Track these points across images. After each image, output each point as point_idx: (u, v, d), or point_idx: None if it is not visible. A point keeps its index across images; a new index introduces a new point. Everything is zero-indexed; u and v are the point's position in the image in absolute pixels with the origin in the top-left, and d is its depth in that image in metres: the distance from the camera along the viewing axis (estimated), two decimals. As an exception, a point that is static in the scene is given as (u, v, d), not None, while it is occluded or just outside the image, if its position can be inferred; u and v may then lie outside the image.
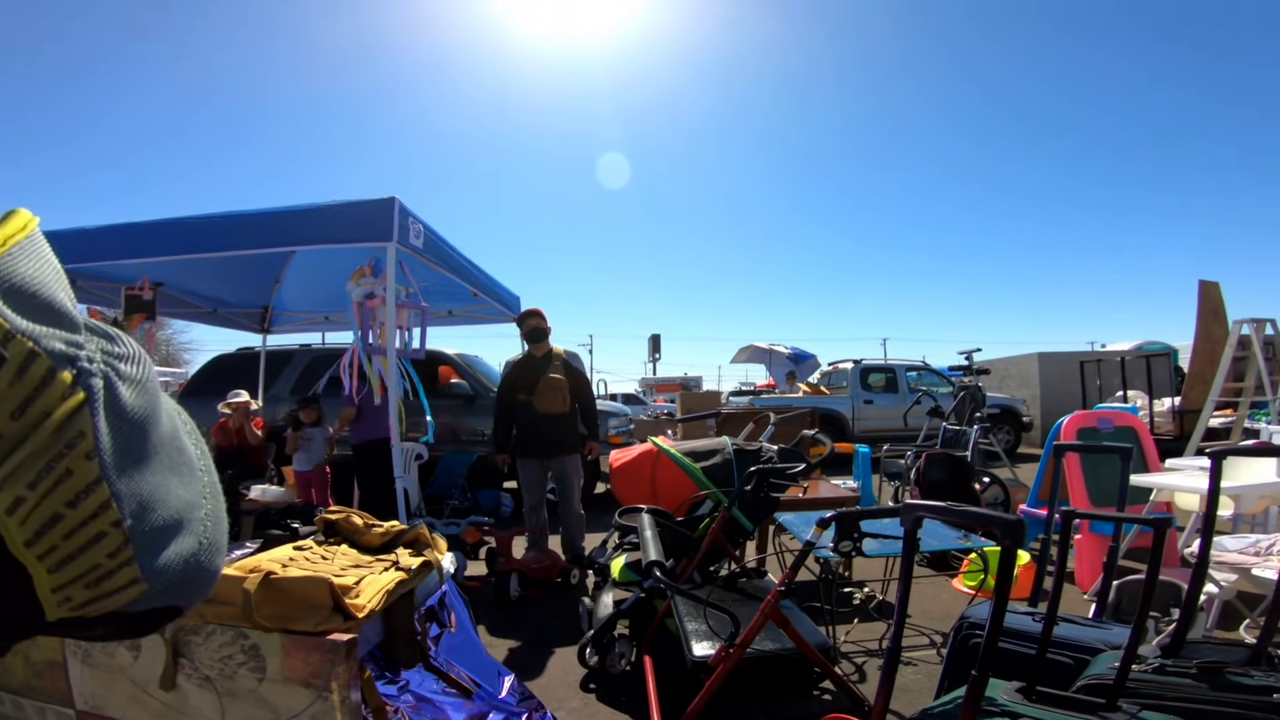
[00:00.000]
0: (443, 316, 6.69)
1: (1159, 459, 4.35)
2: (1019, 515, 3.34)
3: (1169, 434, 8.44)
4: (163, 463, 0.35)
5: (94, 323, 0.35)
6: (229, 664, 1.43)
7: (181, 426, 0.40)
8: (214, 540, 0.39)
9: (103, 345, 0.33)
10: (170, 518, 0.35)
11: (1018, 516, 1.34)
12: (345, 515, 2.10)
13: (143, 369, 0.35)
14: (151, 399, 0.35)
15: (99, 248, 4.12)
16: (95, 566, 0.32)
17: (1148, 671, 1.65)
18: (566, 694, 2.66)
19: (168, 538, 0.35)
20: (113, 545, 0.32)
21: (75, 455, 0.30)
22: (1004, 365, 13.67)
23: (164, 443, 0.36)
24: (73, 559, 0.31)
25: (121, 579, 0.33)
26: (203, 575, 0.38)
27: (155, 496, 0.34)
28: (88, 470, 0.30)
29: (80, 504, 0.30)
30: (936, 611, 3.44)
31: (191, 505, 0.38)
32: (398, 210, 3.76)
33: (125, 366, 0.34)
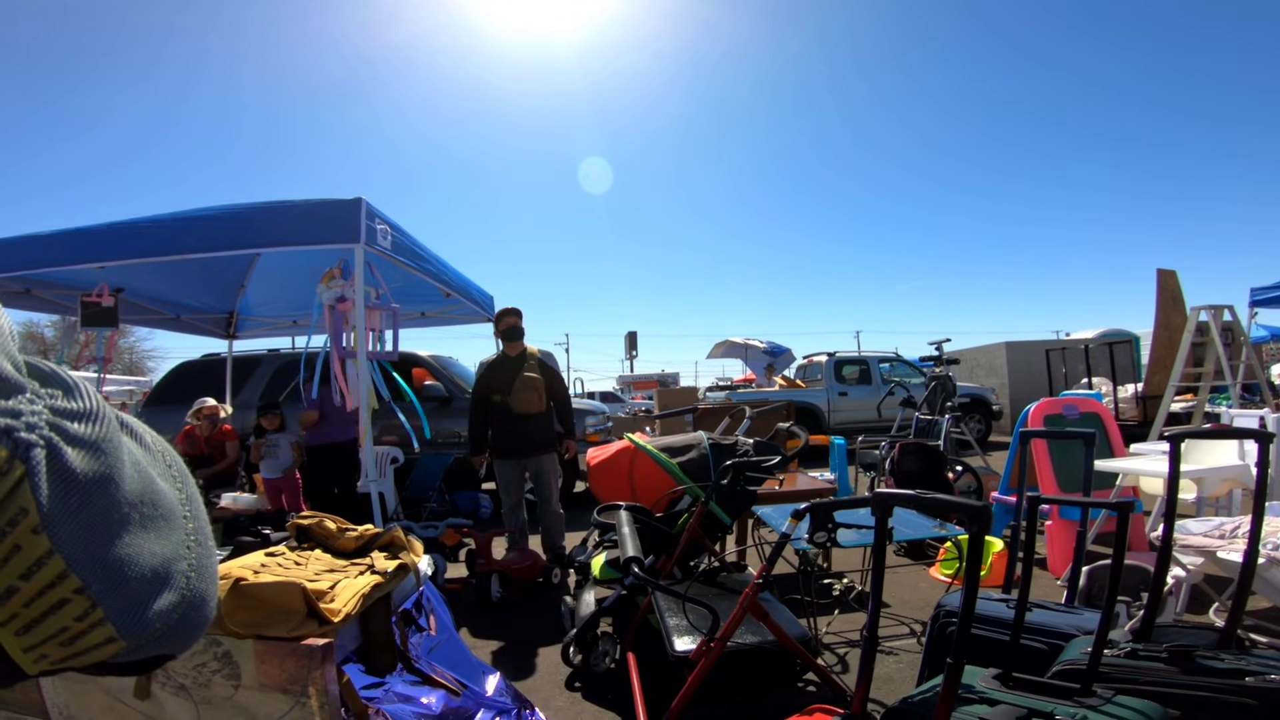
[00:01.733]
0: (415, 318, 6.60)
1: (1124, 444, 4.46)
2: (990, 503, 3.40)
3: (1133, 419, 8.66)
4: (131, 521, 0.34)
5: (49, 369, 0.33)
6: (203, 672, 1.39)
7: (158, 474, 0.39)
8: (199, 591, 0.38)
9: (52, 403, 0.31)
10: (145, 575, 0.34)
11: (984, 503, 1.36)
12: (318, 520, 2.07)
13: (99, 427, 0.33)
14: (109, 459, 0.33)
15: (51, 253, 3.98)
16: (64, 629, 0.31)
17: (1120, 656, 1.68)
18: (552, 693, 2.64)
19: (145, 595, 0.34)
20: (79, 610, 0.31)
21: (20, 531, 0.28)
22: (973, 355, 13.94)
23: (130, 501, 0.34)
24: (37, 623, 0.30)
25: (96, 638, 0.32)
26: (189, 626, 0.37)
27: (124, 557, 0.33)
28: (36, 544, 0.29)
29: (34, 576, 0.29)
30: (916, 600, 3.49)
31: (171, 560, 0.36)
32: (364, 211, 3.69)
33: (77, 426, 0.31)
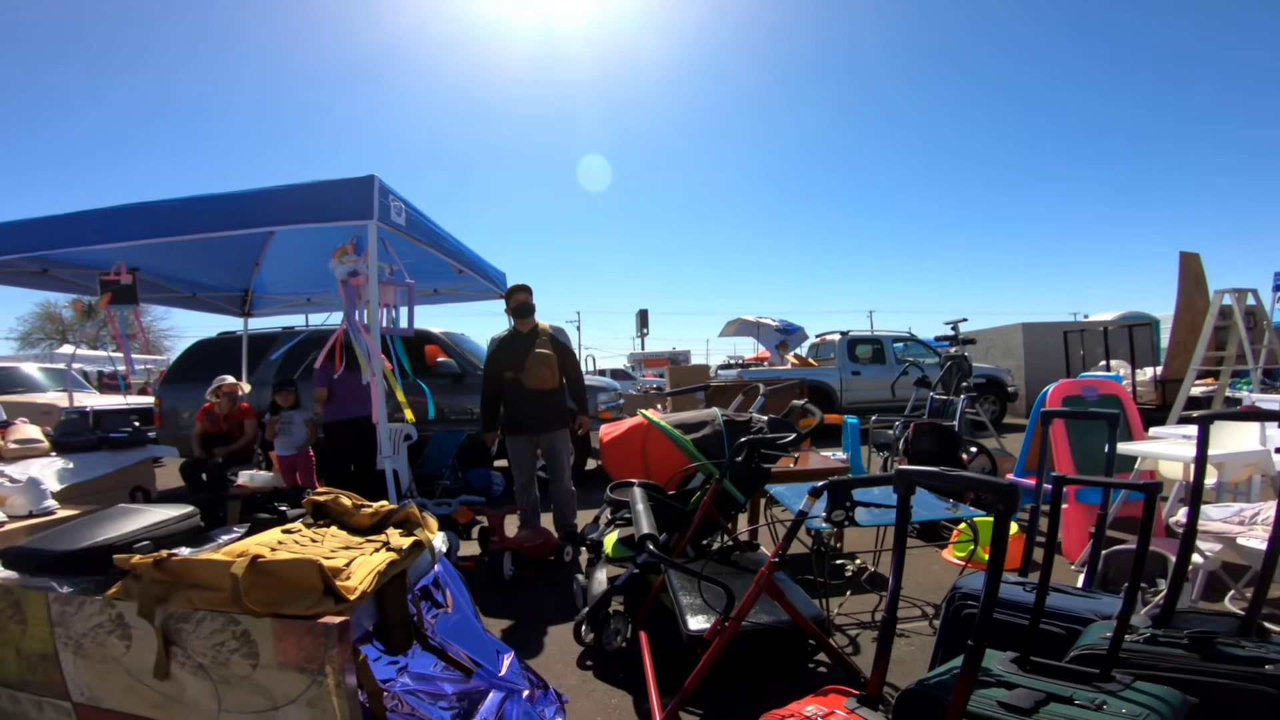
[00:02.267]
0: (428, 295, 6.59)
1: (1143, 427, 4.39)
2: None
3: (1151, 403, 8.56)
4: None
5: None
6: (221, 651, 1.40)
7: None
8: None
9: None
10: None
11: (1011, 481, 1.33)
12: (334, 497, 2.07)
13: None
14: None
15: (70, 234, 4.00)
16: None
17: (1139, 642, 1.66)
18: (564, 672, 2.66)
19: None
20: None
21: None
22: (989, 336, 13.77)
23: None
24: None
25: None
26: None
27: None
28: None
29: None
30: (928, 583, 3.48)
31: None
32: (377, 188, 3.68)
33: None
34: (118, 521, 1.80)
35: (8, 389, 8.45)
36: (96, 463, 3.94)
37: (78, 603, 1.53)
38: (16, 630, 1.59)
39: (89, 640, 1.52)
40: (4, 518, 2.45)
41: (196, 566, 1.45)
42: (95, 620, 1.51)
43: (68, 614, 1.53)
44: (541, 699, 2.03)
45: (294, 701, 1.38)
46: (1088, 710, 1.34)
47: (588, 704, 2.40)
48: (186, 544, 1.84)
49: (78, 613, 1.53)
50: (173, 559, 1.47)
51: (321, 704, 1.36)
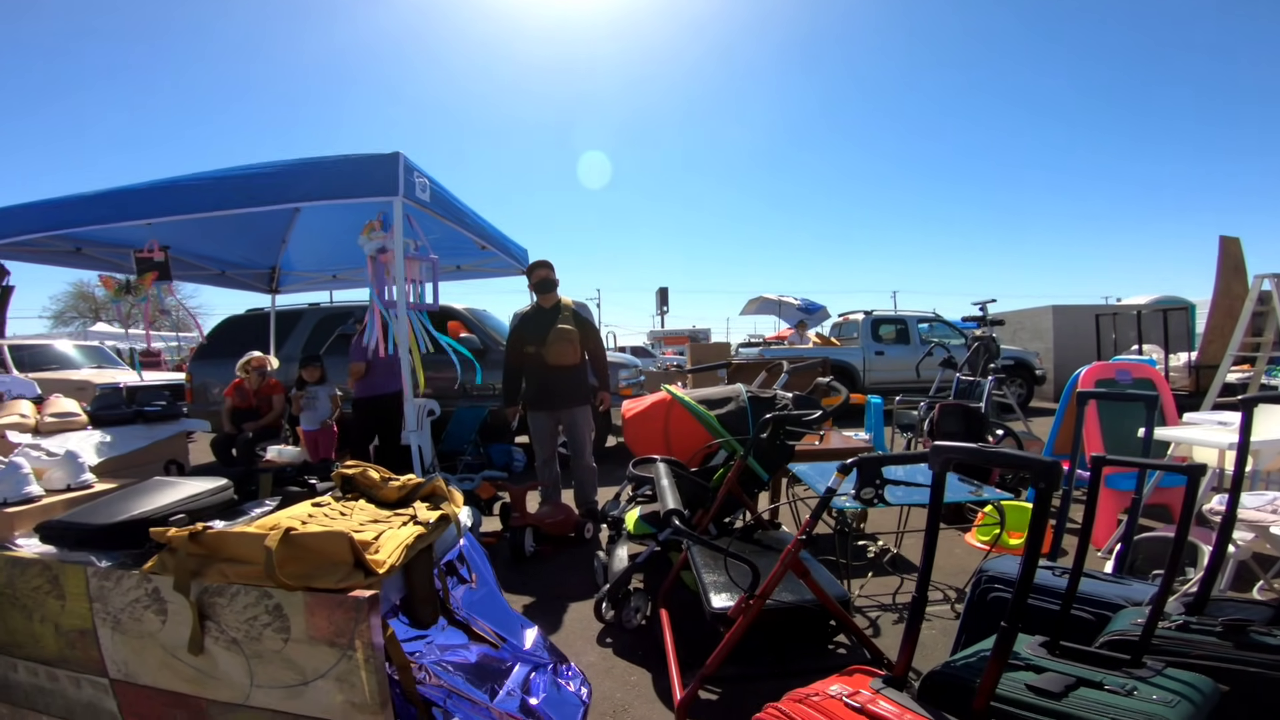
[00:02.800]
0: (451, 271, 6.62)
1: (1177, 413, 4.29)
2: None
3: (1185, 389, 8.36)
4: None
5: None
6: (254, 625, 1.43)
7: None
8: None
9: None
10: None
11: (1054, 459, 1.29)
12: (362, 470, 2.10)
13: None
14: None
15: (100, 211, 4.06)
16: None
17: (1172, 629, 1.64)
18: (583, 648, 2.69)
19: None
20: None
21: None
22: (1017, 318, 13.51)
23: None
24: None
25: None
26: None
27: None
28: None
29: None
30: (950, 566, 3.45)
31: None
32: (403, 165, 3.68)
33: None
34: (154, 494, 1.84)
35: (42, 366, 8.67)
36: (132, 436, 4.03)
37: (115, 577, 1.55)
38: (55, 606, 1.61)
39: (126, 615, 1.54)
40: (42, 492, 2.52)
41: (231, 539, 1.48)
42: (132, 595, 1.53)
43: (106, 589, 1.56)
44: (565, 672, 2.06)
45: (324, 675, 1.40)
46: (1118, 695, 1.32)
47: (607, 681, 2.43)
48: (220, 517, 1.88)
49: (115, 587, 1.55)
50: (208, 532, 1.49)
51: (350, 678, 1.39)
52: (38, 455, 2.76)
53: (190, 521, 1.63)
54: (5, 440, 3.43)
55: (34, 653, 1.66)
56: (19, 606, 1.65)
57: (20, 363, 8.47)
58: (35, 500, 2.43)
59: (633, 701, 2.30)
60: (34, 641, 1.65)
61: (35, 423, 3.78)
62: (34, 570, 1.63)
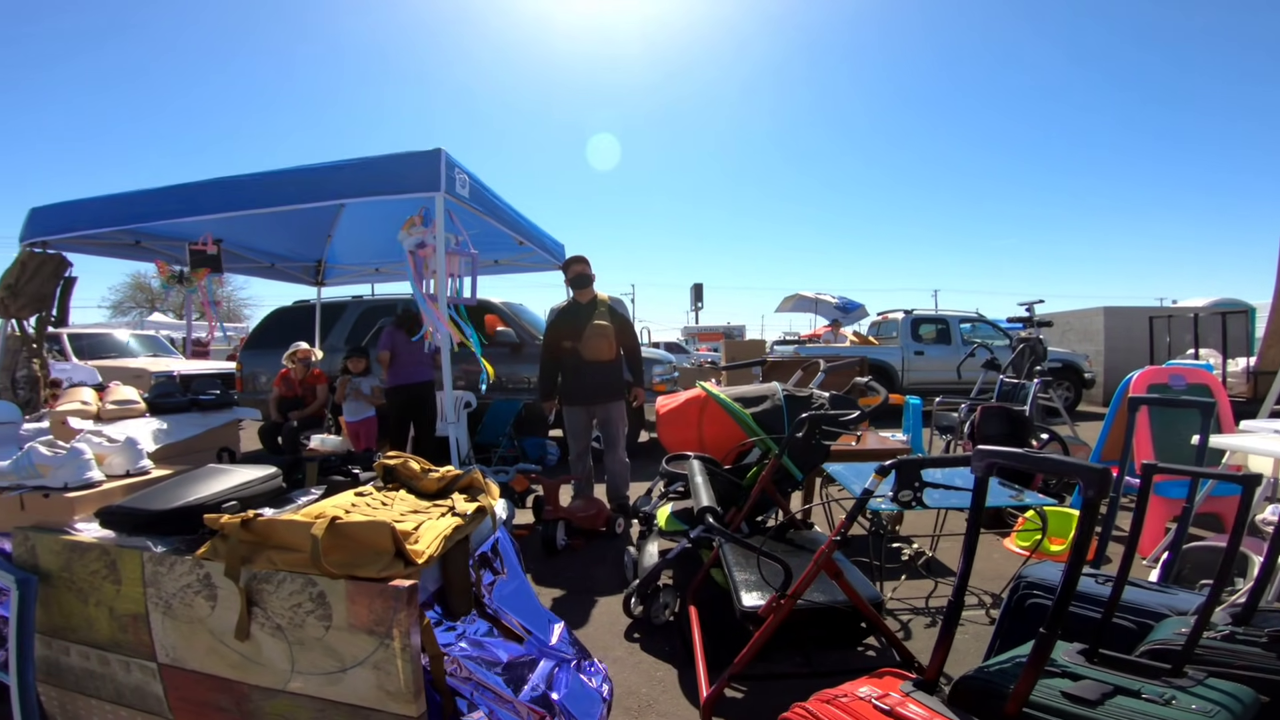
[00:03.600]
0: (489, 265, 6.72)
1: (1234, 420, 4.12)
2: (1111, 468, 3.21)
3: (1242, 395, 8.02)
4: None
5: None
6: (298, 612, 1.48)
7: None
8: None
9: None
10: None
11: (1105, 466, 1.26)
12: (403, 461, 2.15)
13: None
14: None
15: (164, 207, 4.27)
16: None
17: (1216, 639, 1.59)
18: (611, 643, 2.72)
19: None
20: None
21: None
22: (1066, 319, 13.10)
23: None
24: None
25: None
26: None
27: None
28: None
29: None
30: (987, 571, 3.38)
31: None
32: (444, 161, 3.76)
33: None
34: (207, 481, 1.92)
35: (101, 354, 9.08)
36: (188, 424, 4.19)
37: (169, 562, 1.61)
38: (111, 590, 1.67)
39: (178, 600, 1.60)
40: (102, 477, 2.62)
41: (280, 527, 1.54)
42: (184, 580, 1.59)
43: (160, 574, 1.62)
44: (588, 668, 2.09)
45: (361, 663, 1.45)
46: (1156, 705, 1.29)
47: (634, 675, 2.45)
48: (269, 504, 1.95)
49: (169, 572, 1.61)
50: (258, 519, 1.56)
51: (386, 666, 1.43)
52: (99, 441, 2.88)
53: (241, 509, 1.70)
54: (68, 426, 3.60)
55: (87, 636, 1.72)
56: (75, 590, 1.72)
57: (80, 350, 8.89)
58: (96, 485, 2.54)
59: (659, 697, 2.32)
60: (88, 625, 1.72)
61: (97, 410, 3.96)
62: (93, 554, 1.70)
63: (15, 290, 4.46)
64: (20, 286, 4.47)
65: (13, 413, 3.65)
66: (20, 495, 2.28)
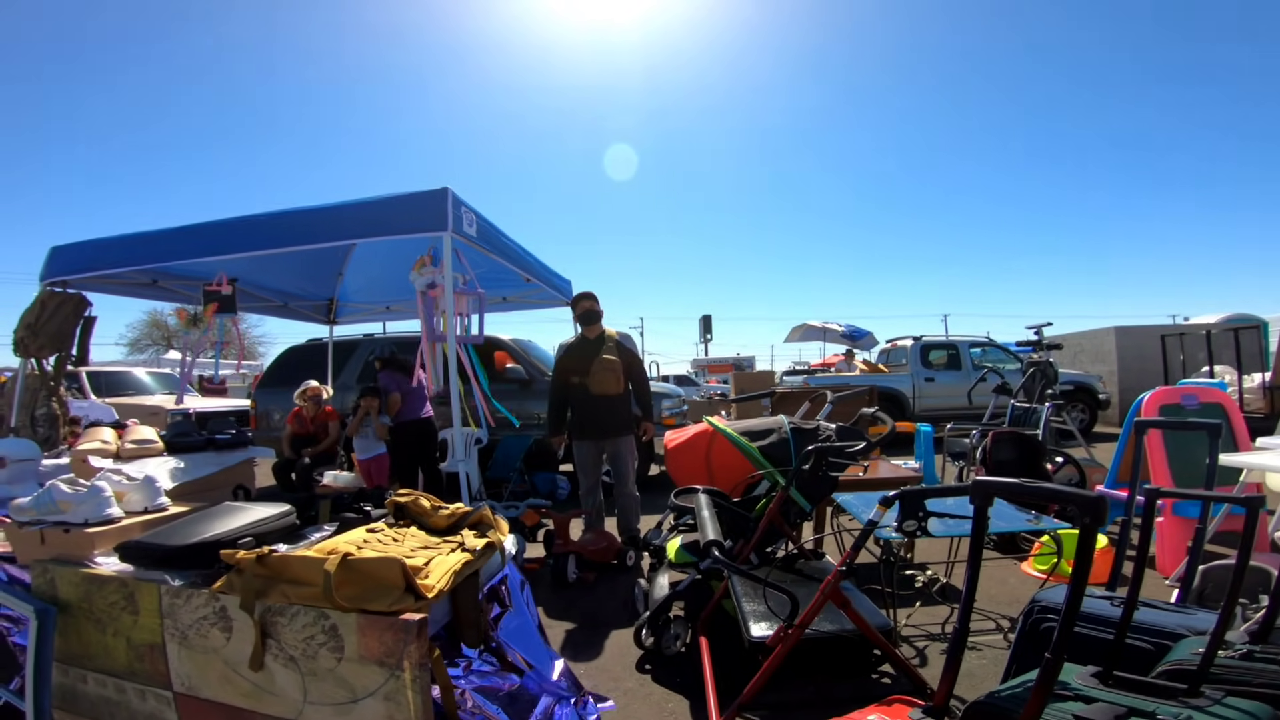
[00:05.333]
0: (497, 302, 6.82)
1: (1249, 438, 4.08)
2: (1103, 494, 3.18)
3: (1259, 411, 7.93)
4: None
5: None
6: (311, 644, 1.51)
7: None
8: None
9: None
10: None
11: (1098, 494, 1.28)
12: (414, 498, 2.19)
13: None
14: None
15: (175, 248, 4.38)
16: None
17: (1234, 658, 1.57)
18: (622, 674, 2.70)
19: None
20: None
21: None
22: (1077, 340, 13.03)
23: None
24: None
25: None
26: None
27: None
28: None
29: None
30: (1003, 596, 3.34)
31: None
32: (451, 200, 3.84)
33: None
34: (224, 518, 1.96)
35: (119, 391, 9.22)
36: (204, 462, 4.26)
37: (186, 595, 1.67)
38: (129, 621, 1.73)
39: (193, 631, 1.65)
40: (122, 514, 2.68)
41: (293, 562, 1.57)
42: (201, 612, 1.64)
43: (176, 606, 1.67)
44: (586, 706, 2.08)
45: (372, 694, 1.47)
46: (1169, 725, 1.28)
47: (645, 707, 2.44)
48: (283, 540, 1.99)
49: (185, 605, 1.66)
50: (273, 555, 1.59)
51: (397, 697, 1.45)
52: (119, 479, 2.94)
53: (257, 544, 1.74)
54: (88, 465, 3.67)
55: (104, 665, 1.78)
56: (94, 620, 1.77)
57: (98, 388, 9.03)
58: (115, 521, 2.59)
59: (673, 729, 2.30)
60: (105, 654, 1.77)
61: (116, 449, 4.03)
62: (111, 587, 1.76)
63: (35, 329, 4.56)
64: (40, 325, 4.57)
65: (33, 450, 3.72)
66: (41, 530, 2.33)
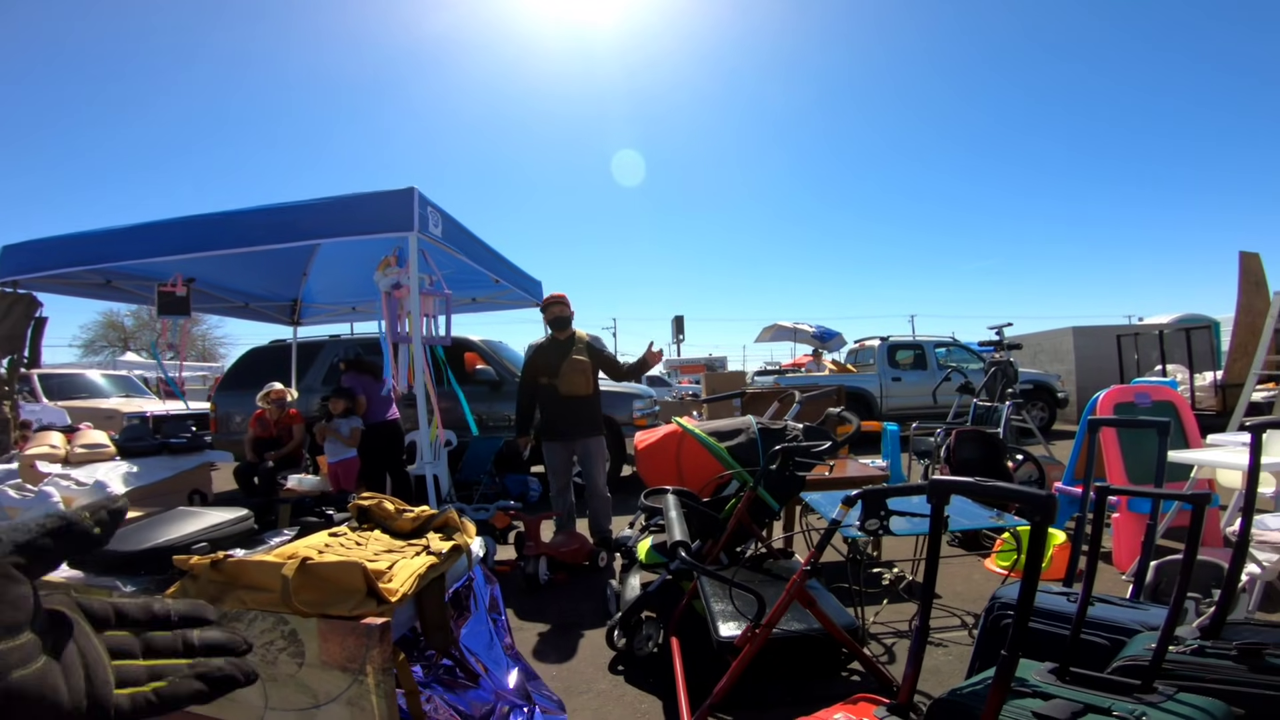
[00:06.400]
0: (466, 303, 6.75)
1: (1200, 435, 4.23)
2: (1052, 492, 3.26)
3: (1211, 409, 8.22)
4: None
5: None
6: (270, 650, 1.47)
7: None
8: None
9: None
10: None
11: (1048, 492, 1.31)
12: (377, 501, 2.14)
13: None
14: None
15: (133, 247, 4.23)
16: None
17: (1186, 653, 1.62)
18: (595, 676, 2.69)
19: None
20: None
21: None
22: (1037, 340, 13.39)
23: None
24: None
25: None
26: None
27: None
28: None
29: None
30: (968, 592, 3.41)
31: None
32: (417, 200, 3.78)
33: None
34: (177, 524, 1.90)
35: (72, 395, 8.89)
36: (158, 467, 4.13)
37: None
38: None
39: None
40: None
41: (250, 567, 1.53)
42: (152, 619, 1.59)
43: None
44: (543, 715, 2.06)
45: (335, 699, 1.44)
46: (1125, 721, 1.31)
47: (618, 708, 2.43)
48: (241, 545, 1.93)
49: (137, 612, 1.61)
50: (228, 560, 1.54)
51: (361, 702, 1.42)
52: (67, 485, 2.84)
53: (212, 550, 1.69)
54: (36, 470, 3.54)
55: None
56: (42, 629, 1.70)
57: (50, 391, 8.69)
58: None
59: (644, 731, 2.29)
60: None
61: (65, 453, 3.89)
62: (58, 594, 1.68)
63: (-13, 331, 4.39)
64: (-8, 328, 4.40)
65: (-21, 458, 3.57)
66: (-16, 541, 2.24)
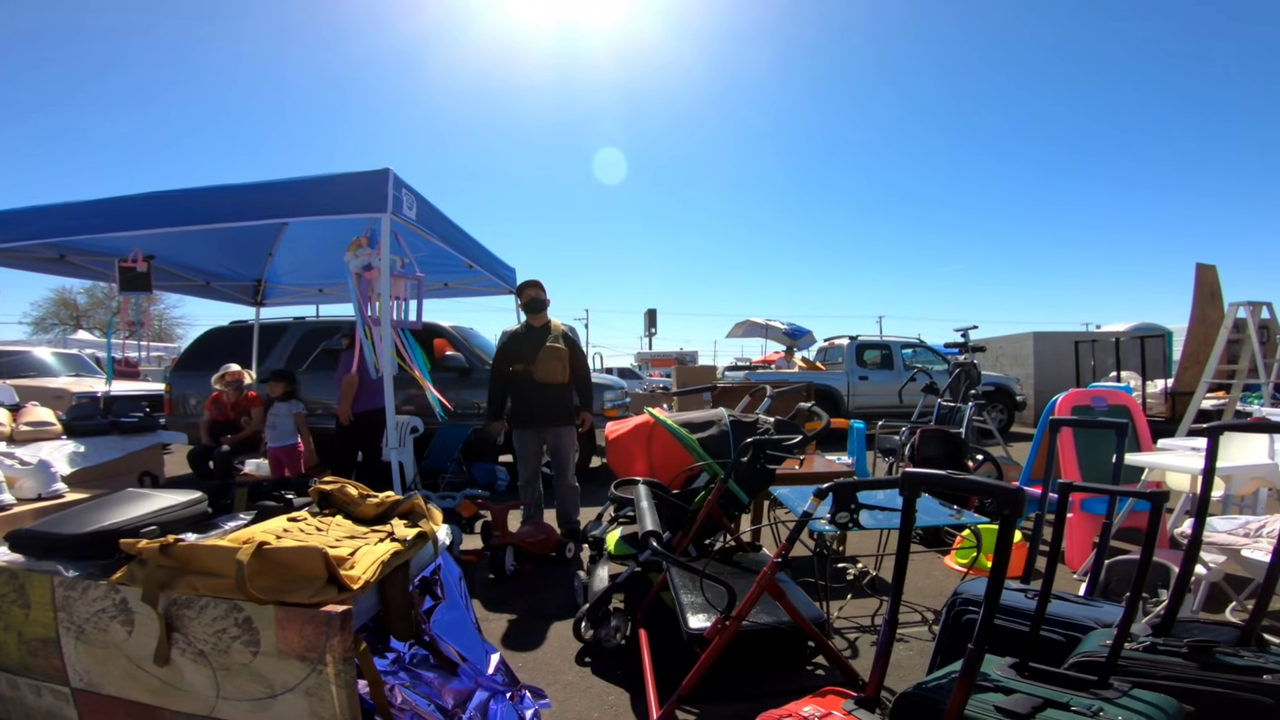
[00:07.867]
0: (438, 288, 6.64)
1: (1151, 439, 4.37)
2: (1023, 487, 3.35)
3: (1161, 415, 8.50)
4: None
5: None
6: (223, 638, 1.41)
7: None
8: None
9: None
10: None
11: (1019, 486, 1.32)
12: (340, 486, 2.09)
13: None
14: None
15: (89, 221, 4.06)
16: None
17: (1139, 650, 1.66)
18: (562, 667, 2.67)
19: None
20: None
21: None
22: (999, 344, 13.71)
23: None
24: None
25: None
26: None
27: None
28: None
29: None
30: (929, 589, 3.47)
31: None
32: (391, 181, 3.70)
33: None
34: (125, 506, 1.82)
35: (20, 373, 8.53)
36: (106, 447, 3.98)
37: (82, 587, 1.54)
38: (19, 614, 1.59)
39: (91, 625, 1.52)
40: (13, 500, 2.48)
41: (202, 552, 1.46)
42: (99, 605, 1.52)
43: (72, 598, 1.54)
44: (522, 701, 2.04)
45: (292, 690, 1.39)
46: (1084, 716, 1.34)
47: (584, 700, 2.41)
48: (193, 530, 1.86)
49: (81, 597, 1.53)
50: (179, 544, 1.48)
51: (320, 692, 1.37)
52: (10, 464, 2.71)
53: (162, 534, 1.62)
54: (-23, 449, 3.37)
55: None
56: (-19, 614, 1.62)
57: (-4, 368, 8.33)
58: (6, 508, 2.39)
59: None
60: (-3, 650, 1.62)
61: (10, 431, 3.72)
62: (1, 578, 1.60)
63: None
64: (-67, 304, 4.18)
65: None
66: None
